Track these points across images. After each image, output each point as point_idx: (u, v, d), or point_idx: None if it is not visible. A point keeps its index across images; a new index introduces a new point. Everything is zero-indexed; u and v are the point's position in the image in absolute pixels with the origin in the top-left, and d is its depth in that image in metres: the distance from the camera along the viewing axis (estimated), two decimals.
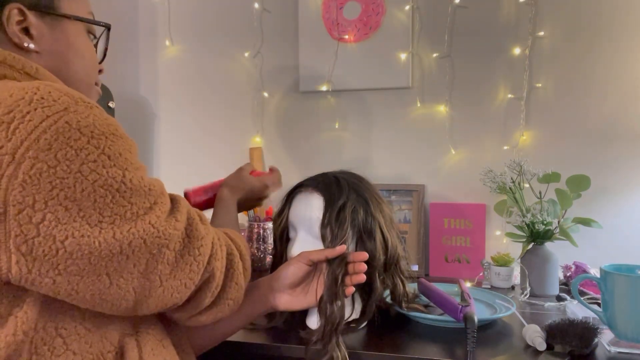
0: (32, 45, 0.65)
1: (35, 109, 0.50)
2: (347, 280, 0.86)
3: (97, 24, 0.75)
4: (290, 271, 0.85)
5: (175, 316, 0.66)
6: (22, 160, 0.48)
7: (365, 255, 0.86)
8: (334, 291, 0.84)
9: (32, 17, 0.65)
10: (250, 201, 1.03)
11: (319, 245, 0.90)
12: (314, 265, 0.86)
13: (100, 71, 0.78)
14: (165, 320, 0.69)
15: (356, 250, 0.90)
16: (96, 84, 0.76)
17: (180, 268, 0.58)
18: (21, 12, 0.64)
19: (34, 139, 0.48)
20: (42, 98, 0.51)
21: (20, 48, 0.64)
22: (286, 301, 0.85)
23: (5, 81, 0.57)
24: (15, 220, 0.48)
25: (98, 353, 0.56)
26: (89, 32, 0.74)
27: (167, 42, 1.78)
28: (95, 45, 0.76)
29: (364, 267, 0.85)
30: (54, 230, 0.49)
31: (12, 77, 0.59)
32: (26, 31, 0.65)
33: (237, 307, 0.72)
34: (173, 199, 0.61)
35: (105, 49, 0.79)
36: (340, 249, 0.85)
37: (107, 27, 0.77)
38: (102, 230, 0.51)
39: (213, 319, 0.70)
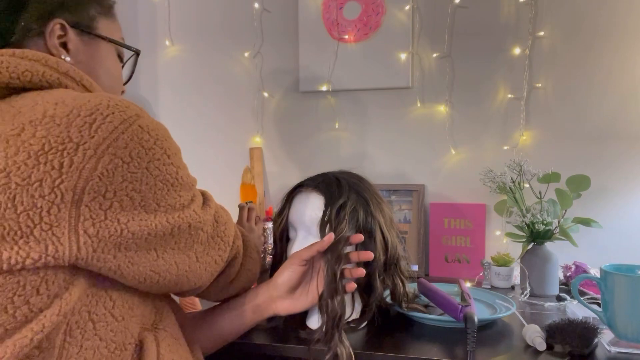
0: (68, 59, 0.71)
1: (113, 113, 0.57)
2: (347, 273, 0.86)
3: (129, 48, 0.83)
4: (286, 277, 0.86)
5: (210, 292, 0.79)
6: (102, 155, 0.55)
7: (360, 237, 0.87)
8: (333, 286, 0.84)
9: (71, 34, 0.72)
10: None
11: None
12: (310, 264, 0.87)
13: (122, 92, 0.84)
14: (178, 320, 0.73)
15: (356, 250, 0.90)
16: None
17: (212, 247, 0.70)
18: (63, 28, 0.71)
19: (114, 138, 0.56)
20: (117, 105, 0.58)
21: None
22: (288, 306, 0.86)
23: (70, 90, 0.64)
24: (87, 206, 0.54)
25: (120, 343, 0.60)
26: (119, 55, 0.81)
27: (167, 42, 1.78)
28: (123, 67, 0.83)
29: (368, 254, 0.86)
30: (118, 215, 0.56)
31: (72, 88, 0.65)
32: (64, 45, 0.71)
33: (255, 278, 0.87)
34: (203, 192, 0.72)
35: (132, 73, 0.87)
36: (328, 238, 0.84)
37: (137, 53, 0.85)
38: (157, 216, 0.60)
39: (236, 289, 0.84)
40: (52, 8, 0.70)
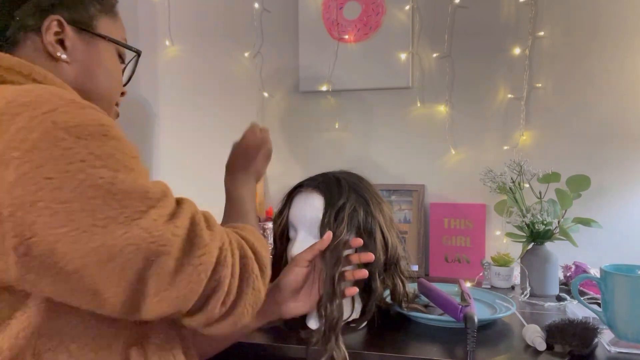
0: (64, 56, 0.68)
1: (25, 111, 0.49)
2: (349, 275, 0.86)
3: (130, 48, 0.79)
4: (291, 279, 0.85)
5: (190, 325, 0.62)
6: (9, 161, 0.47)
7: (360, 241, 0.87)
8: (331, 290, 0.84)
9: (69, 31, 0.68)
10: (249, 161, 0.99)
11: None
12: (312, 266, 0.86)
13: (122, 94, 0.80)
14: (174, 328, 0.67)
15: (356, 251, 0.90)
16: (117, 104, 0.79)
17: (180, 278, 0.54)
18: (60, 24, 0.68)
19: (21, 139, 0.48)
20: (32, 101, 0.50)
21: (52, 57, 0.67)
22: (292, 308, 0.86)
23: (7, 86, 0.57)
24: (9, 222, 0.47)
25: None
26: (120, 55, 0.77)
27: (167, 42, 1.78)
28: (124, 70, 0.80)
29: (369, 256, 0.86)
30: (45, 233, 0.47)
31: (19, 83, 0.59)
32: (61, 42, 0.68)
33: (257, 310, 0.68)
34: (179, 202, 0.58)
35: (132, 74, 0.83)
36: (327, 237, 0.85)
37: (138, 54, 0.81)
38: (95, 236, 0.49)
39: (233, 327, 0.64)
40: (50, 4, 0.68)
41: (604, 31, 1.42)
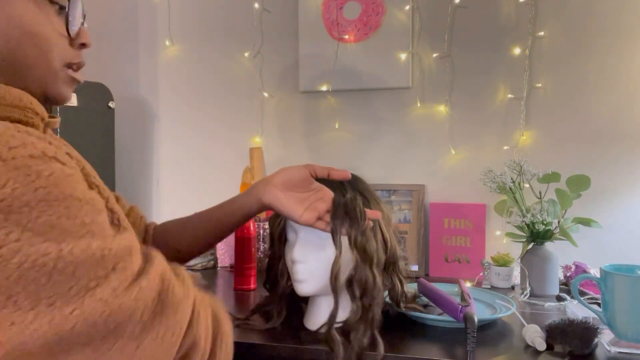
0: None
1: None
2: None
3: None
4: (288, 170, 0.85)
5: None
6: None
7: (378, 214, 0.89)
8: (364, 243, 0.86)
9: None
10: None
11: (320, 246, 0.90)
12: (313, 181, 0.86)
13: (82, 45, 0.62)
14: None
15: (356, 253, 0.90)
16: (74, 66, 0.62)
17: (151, 338, 0.47)
18: None
19: None
20: None
21: None
22: (275, 196, 0.84)
23: None
24: None
25: None
26: (51, 1, 0.58)
27: (167, 42, 1.78)
28: (68, 15, 0.59)
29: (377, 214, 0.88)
30: None
31: None
32: None
33: None
34: (147, 257, 0.51)
35: (83, 16, 0.62)
36: (344, 174, 0.88)
37: None
38: (38, 316, 0.41)
39: None
40: None
41: (604, 31, 1.42)
